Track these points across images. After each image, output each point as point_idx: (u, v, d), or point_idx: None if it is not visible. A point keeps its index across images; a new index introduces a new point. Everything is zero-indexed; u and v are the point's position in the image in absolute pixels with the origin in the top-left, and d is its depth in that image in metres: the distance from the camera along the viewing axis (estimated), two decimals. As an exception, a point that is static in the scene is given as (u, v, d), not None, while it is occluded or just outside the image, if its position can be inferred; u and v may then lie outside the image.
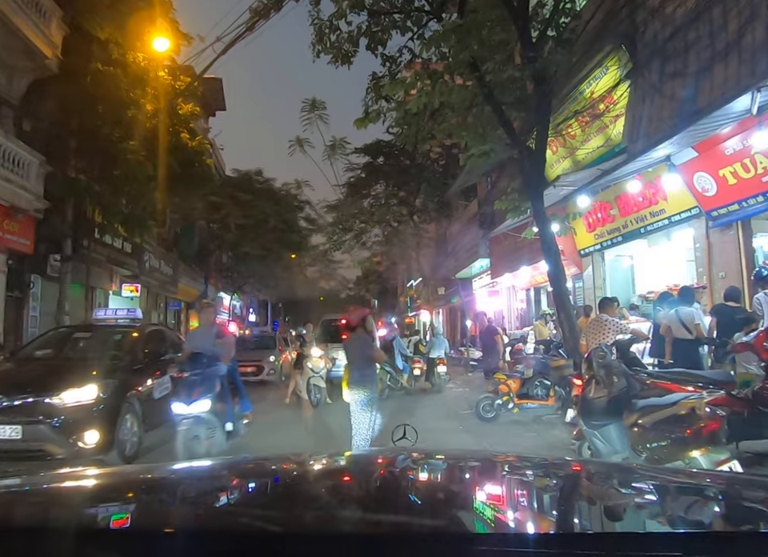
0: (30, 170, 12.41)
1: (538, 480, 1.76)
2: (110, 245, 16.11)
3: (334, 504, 1.43)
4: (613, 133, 11.30)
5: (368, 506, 1.38)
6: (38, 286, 14.32)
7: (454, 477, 1.87)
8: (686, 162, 9.05)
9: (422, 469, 1.95)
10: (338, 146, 17.38)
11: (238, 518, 1.24)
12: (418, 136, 11.76)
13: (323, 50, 11.10)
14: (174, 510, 1.43)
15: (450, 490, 1.64)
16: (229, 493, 1.63)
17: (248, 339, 19.82)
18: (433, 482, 1.78)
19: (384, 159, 22.21)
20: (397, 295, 52.51)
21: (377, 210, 20.32)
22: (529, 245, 15.24)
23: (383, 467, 1.93)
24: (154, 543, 1.02)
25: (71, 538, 1.01)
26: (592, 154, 12.19)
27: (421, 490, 1.62)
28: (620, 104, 10.50)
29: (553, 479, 1.79)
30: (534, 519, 1.31)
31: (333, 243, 21.93)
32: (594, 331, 6.88)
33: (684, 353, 7.53)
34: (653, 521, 1.30)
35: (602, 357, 4.43)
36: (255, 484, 1.77)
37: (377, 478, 1.77)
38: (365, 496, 1.54)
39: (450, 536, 1.05)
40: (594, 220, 13.00)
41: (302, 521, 1.20)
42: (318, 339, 13.92)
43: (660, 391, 4.68)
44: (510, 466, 1.98)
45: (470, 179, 17.82)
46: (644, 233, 11.52)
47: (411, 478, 1.80)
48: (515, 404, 8.29)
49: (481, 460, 2.14)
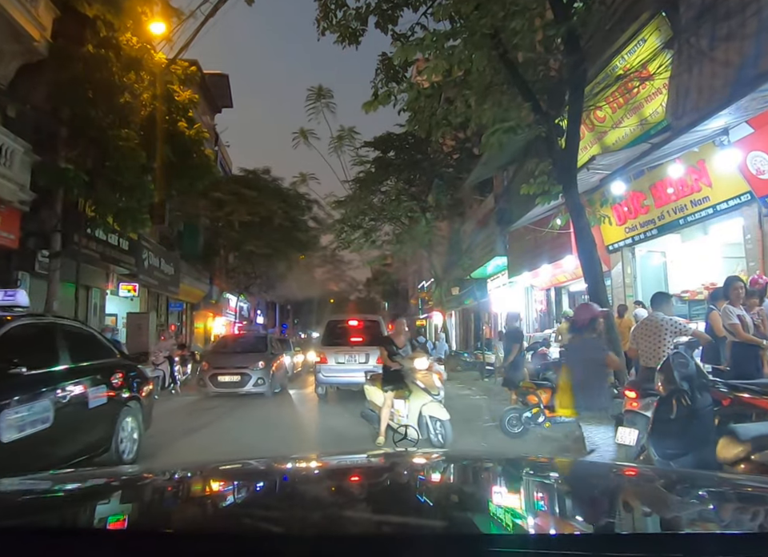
0: (12, 157, 11.53)
1: (539, 481, 1.76)
2: (104, 241, 15.18)
3: (339, 505, 1.41)
4: (649, 112, 10.22)
5: (373, 508, 1.39)
6: (26, 284, 13.39)
7: (459, 477, 1.86)
8: (740, 140, 7.96)
9: (427, 470, 1.94)
10: (346, 136, 16.43)
11: (243, 519, 1.23)
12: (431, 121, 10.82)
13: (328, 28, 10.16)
14: (175, 511, 1.42)
15: (456, 490, 1.65)
16: (234, 494, 1.62)
17: (231, 341, 16.93)
18: (438, 482, 1.77)
19: (395, 153, 21.18)
20: (407, 297, 51.54)
21: (387, 206, 19.26)
22: (551, 241, 14.15)
23: (389, 468, 1.92)
24: (156, 544, 1.01)
25: (75, 538, 1.03)
26: (624, 138, 11.12)
27: (426, 490, 1.61)
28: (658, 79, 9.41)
29: (554, 480, 1.77)
30: (536, 520, 1.29)
31: (341, 242, 20.86)
32: (648, 333, 5.80)
33: (743, 358, 6.47)
34: (654, 522, 1.30)
35: (683, 366, 3.40)
36: (260, 485, 1.76)
37: (382, 479, 1.78)
38: (368, 497, 1.54)
39: (454, 537, 1.05)
40: (624, 212, 11.90)
41: (307, 522, 1.19)
42: (321, 341, 12.89)
43: (746, 409, 3.62)
44: (512, 466, 1.95)
45: (487, 171, 16.75)
46: (683, 224, 10.41)
47: (420, 479, 1.80)
48: (546, 417, 7.18)
49: (486, 461, 2.14)
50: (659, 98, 9.90)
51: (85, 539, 1.03)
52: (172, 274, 21.17)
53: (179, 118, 14.13)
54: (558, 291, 17.04)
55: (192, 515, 1.34)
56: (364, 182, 20.09)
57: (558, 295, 17.07)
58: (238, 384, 13.23)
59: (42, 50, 12.69)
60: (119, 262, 16.26)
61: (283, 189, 25.01)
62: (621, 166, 8.73)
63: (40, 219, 13.19)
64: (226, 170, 29.79)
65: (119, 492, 1.60)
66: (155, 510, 1.44)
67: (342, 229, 20.35)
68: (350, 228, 20.18)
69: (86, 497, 1.51)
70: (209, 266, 26.43)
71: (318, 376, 12.60)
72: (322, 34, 10.49)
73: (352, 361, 12.29)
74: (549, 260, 14.58)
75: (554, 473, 1.88)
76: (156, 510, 1.43)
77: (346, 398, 12.46)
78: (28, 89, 13.12)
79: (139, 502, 1.51)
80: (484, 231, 17.60)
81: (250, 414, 11.23)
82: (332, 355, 12.41)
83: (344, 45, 10.44)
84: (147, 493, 1.64)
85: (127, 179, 12.49)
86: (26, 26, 11.97)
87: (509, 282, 19.15)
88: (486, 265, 19.74)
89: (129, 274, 17.44)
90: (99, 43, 12.58)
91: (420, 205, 19.22)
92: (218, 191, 21.41)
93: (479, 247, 18.91)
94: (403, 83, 10.16)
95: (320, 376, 12.51)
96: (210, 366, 13.63)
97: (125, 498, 1.53)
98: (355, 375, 12.18)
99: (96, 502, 1.47)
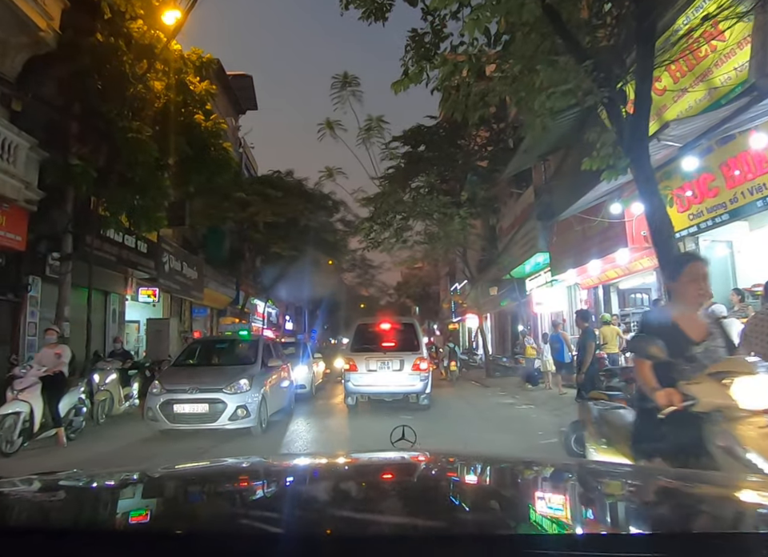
0: (17, 153, 10.74)
1: (539, 481, 1.76)
2: (120, 243, 14.39)
3: (348, 505, 1.41)
4: (719, 79, 8.90)
5: (395, 508, 1.37)
6: (38, 289, 12.65)
7: (468, 479, 1.84)
8: None
9: (437, 471, 1.96)
10: (374, 126, 15.34)
11: (243, 519, 1.23)
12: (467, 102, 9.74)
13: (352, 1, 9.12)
14: (174, 511, 1.41)
15: (463, 491, 1.62)
16: (234, 494, 1.60)
17: (204, 348, 11.38)
18: (446, 483, 1.77)
19: (426, 148, 20.05)
20: (439, 301, 50.30)
21: (420, 201, 18.08)
22: (601, 233, 12.84)
23: (395, 469, 1.93)
24: (157, 545, 1.00)
25: (75, 538, 1.02)
26: (688, 111, 9.79)
27: (435, 491, 1.61)
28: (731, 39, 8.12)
29: (554, 480, 1.77)
30: (536, 520, 1.26)
31: (370, 241, 19.74)
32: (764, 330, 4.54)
33: None
34: (650, 521, 1.29)
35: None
36: (260, 485, 1.73)
37: (390, 479, 1.78)
38: (391, 497, 1.52)
39: (462, 537, 1.05)
40: (688, 197, 10.55)
41: (311, 522, 1.17)
42: (351, 347, 11.74)
43: None
44: (512, 467, 1.94)
45: (527, 161, 15.52)
46: (761, 207, 9.04)
47: (434, 479, 1.81)
48: (622, 435, 5.94)
49: (494, 462, 2.10)
50: (732, 61, 8.60)
51: (85, 540, 1.01)
52: (195, 279, 20.37)
53: (195, 110, 13.25)
54: (607, 289, 15.66)
55: (192, 516, 1.31)
56: (394, 178, 18.98)
57: (606, 294, 15.69)
58: (206, 417, 8.58)
59: (49, 42, 11.92)
60: (137, 265, 15.46)
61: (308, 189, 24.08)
62: (696, 137, 7.44)
63: (50, 220, 12.43)
64: (251, 172, 29.06)
65: (124, 492, 1.59)
66: (157, 509, 1.42)
67: (371, 227, 19.22)
68: (379, 226, 19.05)
69: (86, 497, 1.51)
70: (235, 270, 25.62)
71: (346, 385, 11.39)
72: (345, 8, 9.46)
73: (385, 368, 11.10)
74: (598, 255, 13.25)
75: (551, 473, 1.87)
76: (157, 511, 1.41)
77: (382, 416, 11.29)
78: (36, 82, 12.41)
79: (143, 502, 1.50)
80: (523, 227, 16.34)
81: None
82: (362, 362, 11.22)
83: (369, 21, 9.40)
84: (149, 493, 1.62)
85: (140, 175, 11.64)
86: (31, 15, 11.22)
87: (550, 281, 17.82)
88: (526, 263, 18.46)
89: (148, 278, 16.64)
90: (109, 32, 11.78)
91: (454, 200, 18.00)
92: (242, 191, 20.56)
93: (518, 245, 17.64)
94: (436, 59, 9.11)
95: (349, 385, 11.31)
96: (163, 388, 8.83)
97: (131, 498, 1.52)
98: (388, 384, 11.05)
99: (97, 502, 1.47)
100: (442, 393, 13.42)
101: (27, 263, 12.30)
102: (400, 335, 11.78)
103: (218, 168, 13.10)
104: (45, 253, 12.54)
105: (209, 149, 12.95)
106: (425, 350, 11.53)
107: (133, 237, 15.01)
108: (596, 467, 2.14)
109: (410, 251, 21.48)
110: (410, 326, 12.06)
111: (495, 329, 28.22)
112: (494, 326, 28.34)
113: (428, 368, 11.12)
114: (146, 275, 16.50)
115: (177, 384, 8.86)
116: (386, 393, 11.25)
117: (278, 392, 10.48)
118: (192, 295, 20.26)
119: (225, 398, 8.60)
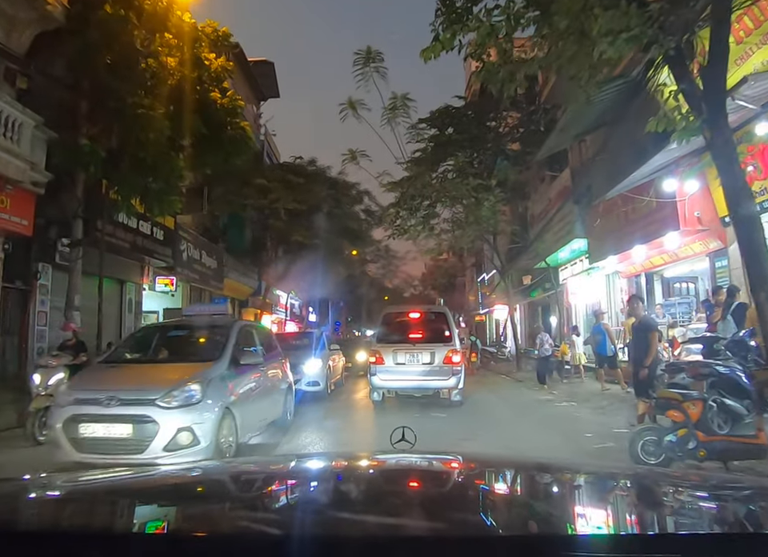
0: (21, 132, 10.12)
1: (542, 482, 1.75)
2: (134, 229, 13.77)
3: (350, 507, 1.37)
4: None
5: (385, 509, 1.33)
6: (48, 277, 12.10)
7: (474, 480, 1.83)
8: None
9: (439, 472, 1.95)
10: (400, 104, 14.44)
11: (242, 521, 1.21)
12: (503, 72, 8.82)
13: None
14: (175, 512, 1.39)
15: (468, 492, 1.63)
16: (235, 494, 1.59)
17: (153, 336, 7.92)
18: (450, 484, 1.77)
19: (454, 130, 19.08)
20: (464, 292, 49.24)
21: (449, 184, 17.11)
22: (646, 216, 11.78)
23: (400, 470, 1.92)
24: (156, 545, 1.00)
25: (76, 538, 1.00)
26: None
27: (438, 492, 1.59)
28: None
29: (557, 481, 1.75)
30: (539, 521, 1.26)
31: (396, 228, 18.81)
32: None
33: None
34: (653, 522, 1.29)
35: None
36: (261, 485, 1.72)
37: (398, 481, 1.76)
38: (382, 499, 1.48)
39: (463, 539, 1.03)
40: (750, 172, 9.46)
41: (316, 524, 1.13)
42: (377, 338, 10.84)
43: None
44: (519, 468, 1.95)
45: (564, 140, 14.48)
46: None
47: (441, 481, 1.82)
48: (700, 443, 5.00)
49: (501, 464, 2.11)
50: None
51: (85, 540, 0.99)
52: (215, 268, 19.73)
53: (211, 87, 12.50)
54: (650, 278, 14.57)
55: (192, 516, 1.31)
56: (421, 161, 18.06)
57: (649, 282, 14.60)
58: (129, 444, 5.55)
59: (57, 16, 11.32)
60: (153, 253, 14.84)
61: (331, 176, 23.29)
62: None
63: (59, 204, 11.85)
64: (273, 160, 28.36)
65: (124, 494, 1.53)
66: (157, 512, 1.41)
67: (398, 213, 18.30)
68: (406, 212, 18.12)
69: (87, 497, 1.47)
70: (257, 260, 24.97)
71: (372, 379, 10.45)
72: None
73: (414, 361, 10.19)
74: (643, 239, 12.18)
75: (554, 474, 1.82)
76: (156, 514, 1.39)
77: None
78: (44, 60, 11.80)
79: (141, 504, 1.47)
80: (559, 212, 15.30)
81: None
82: (389, 354, 10.30)
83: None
84: (148, 495, 1.55)
85: (152, 155, 10.95)
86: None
87: (588, 269, 16.77)
88: (560, 250, 17.40)
89: (165, 267, 16.03)
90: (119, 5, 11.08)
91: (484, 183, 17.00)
92: (263, 178, 19.84)
93: (552, 231, 16.59)
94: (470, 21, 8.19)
95: (375, 380, 10.37)
96: (71, 397, 5.94)
97: (131, 500, 1.48)
98: (418, 379, 10.16)
99: (98, 502, 1.43)
100: (470, 388, 12.40)
101: (36, 250, 11.75)
102: (430, 325, 10.84)
103: (234, 148, 12.33)
104: (55, 239, 11.96)
105: (225, 128, 12.20)
106: (458, 341, 10.59)
107: (148, 223, 14.38)
108: (583, 467, 2.12)
109: (436, 240, 20.48)
110: (441, 315, 11.08)
111: (525, 321, 27.16)
112: (525, 318, 27.28)
113: (461, 361, 10.18)
114: (163, 264, 15.90)
115: (91, 390, 5.83)
116: (415, 388, 10.36)
117: (263, 401, 7.47)
118: (211, 285, 19.64)
119: (157, 416, 5.48)
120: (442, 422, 8.40)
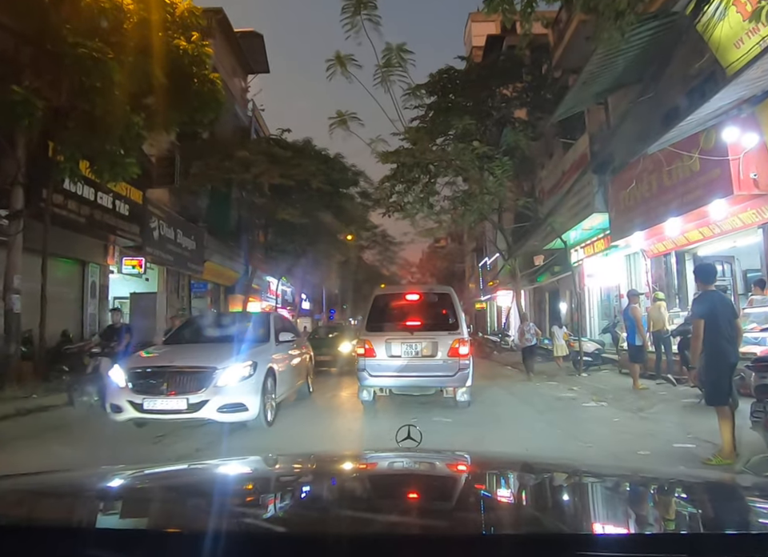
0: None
1: (547, 482, 1.72)
2: (92, 202, 11.99)
3: (352, 505, 1.36)
4: None
5: (386, 508, 1.31)
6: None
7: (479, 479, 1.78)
8: None
9: (443, 470, 1.90)
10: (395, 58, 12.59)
11: (246, 519, 1.20)
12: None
13: None
14: (170, 509, 1.37)
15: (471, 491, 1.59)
16: (247, 493, 1.56)
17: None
18: (451, 483, 1.72)
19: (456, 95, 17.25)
20: (465, 279, 47.49)
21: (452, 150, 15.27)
22: (687, 181, 10.05)
23: (405, 469, 1.88)
24: (157, 546, 0.97)
25: (76, 538, 0.98)
26: None
27: (439, 490, 1.57)
28: None
29: (562, 481, 1.73)
30: (540, 521, 1.24)
31: (391, 205, 17.00)
32: None
33: None
34: (656, 522, 1.27)
35: None
36: (261, 484, 1.71)
37: (399, 479, 1.74)
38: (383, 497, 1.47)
39: (464, 538, 1.02)
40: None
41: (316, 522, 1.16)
42: (366, 325, 8.97)
43: None
44: (521, 467, 1.90)
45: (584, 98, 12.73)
46: None
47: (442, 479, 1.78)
48: None
49: (506, 463, 2.09)
50: None
51: (86, 540, 0.98)
52: (193, 250, 17.93)
53: (176, 35, 10.67)
54: (680, 257, 12.85)
55: (191, 515, 1.27)
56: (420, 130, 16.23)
57: (679, 262, 12.88)
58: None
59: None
60: (116, 229, 13.08)
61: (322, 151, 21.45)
62: None
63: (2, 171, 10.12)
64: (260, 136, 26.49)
65: (123, 491, 1.52)
66: (154, 508, 1.38)
67: (393, 187, 16.47)
68: (403, 186, 16.28)
69: (87, 496, 1.45)
70: (243, 243, 23.15)
71: (360, 375, 8.46)
72: None
73: (412, 353, 8.37)
74: (680, 209, 10.45)
75: (555, 474, 1.79)
76: (153, 510, 1.37)
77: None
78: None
79: (140, 501, 1.45)
80: (576, 184, 13.54)
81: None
82: (382, 345, 8.42)
83: None
84: (147, 491, 1.55)
85: (101, 107, 9.17)
86: None
87: (607, 249, 15.05)
88: (575, 228, 15.67)
89: (133, 246, 14.27)
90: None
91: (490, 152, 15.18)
92: (246, 150, 18.00)
93: (566, 206, 14.81)
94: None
95: (364, 375, 8.41)
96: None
97: (130, 496, 1.47)
98: (417, 374, 8.40)
99: (99, 502, 1.41)
100: (477, 382, 10.38)
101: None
102: (432, 309, 8.98)
103: (201, 104, 10.49)
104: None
105: (191, 80, 10.37)
106: (465, 329, 8.72)
107: (109, 196, 12.60)
108: (585, 468, 2.00)
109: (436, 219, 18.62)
110: (445, 296, 9.12)
111: (532, 307, 25.45)
112: (531, 304, 25.56)
113: (469, 353, 8.37)
114: (130, 243, 14.15)
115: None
116: (414, 386, 8.58)
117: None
118: (189, 268, 17.86)
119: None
120: (446, 430, 6.69)
